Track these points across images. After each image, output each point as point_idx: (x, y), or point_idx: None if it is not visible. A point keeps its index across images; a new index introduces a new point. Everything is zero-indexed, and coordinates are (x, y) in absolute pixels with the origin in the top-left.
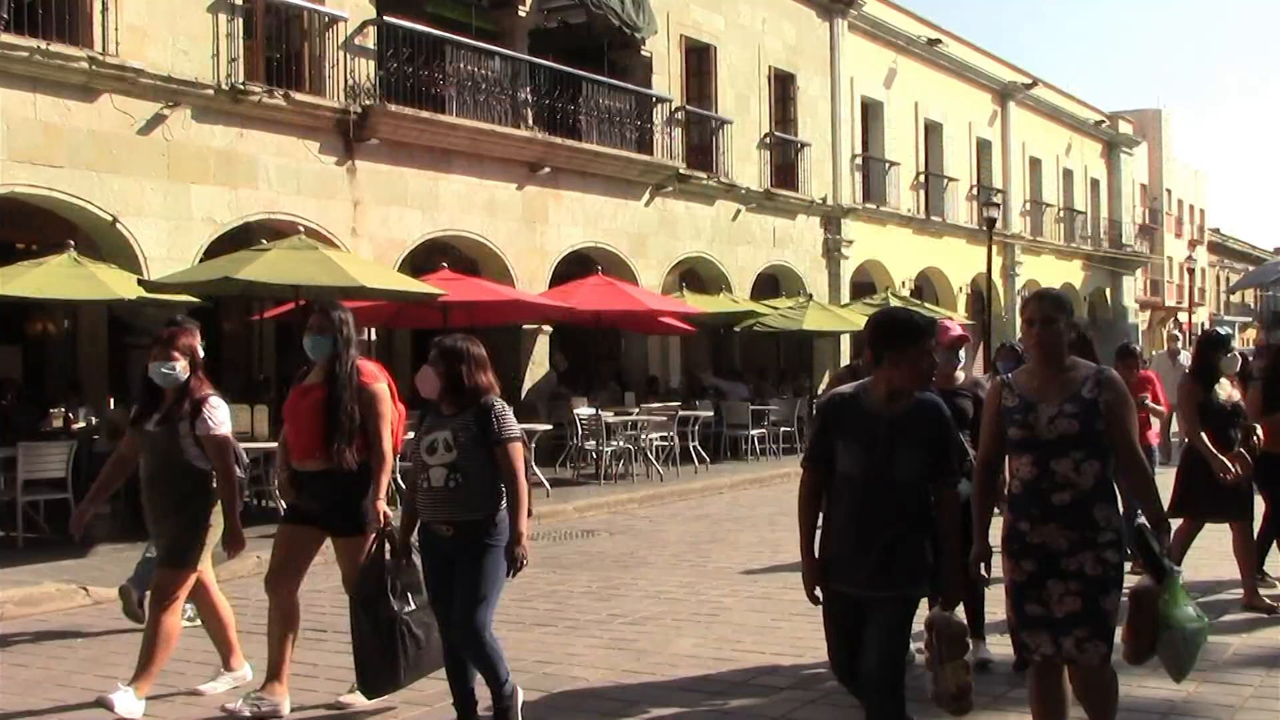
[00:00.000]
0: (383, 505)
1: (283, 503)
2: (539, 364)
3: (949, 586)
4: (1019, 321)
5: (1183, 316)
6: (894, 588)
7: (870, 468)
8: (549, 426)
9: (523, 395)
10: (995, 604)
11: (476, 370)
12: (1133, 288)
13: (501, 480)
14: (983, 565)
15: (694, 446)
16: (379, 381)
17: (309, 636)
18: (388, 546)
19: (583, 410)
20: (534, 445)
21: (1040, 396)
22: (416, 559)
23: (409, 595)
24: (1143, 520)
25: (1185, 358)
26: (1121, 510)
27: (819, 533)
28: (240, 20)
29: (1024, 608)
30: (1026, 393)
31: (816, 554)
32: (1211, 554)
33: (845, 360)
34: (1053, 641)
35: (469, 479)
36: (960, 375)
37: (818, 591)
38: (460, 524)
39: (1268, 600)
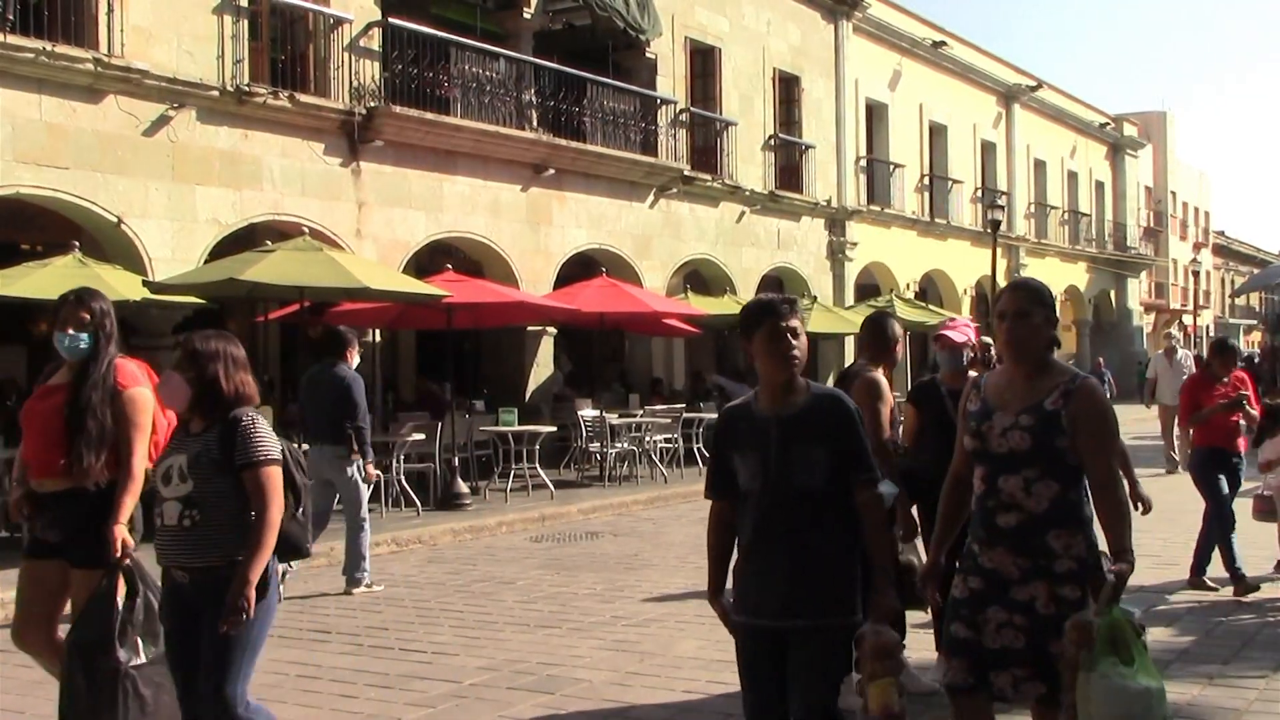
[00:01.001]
0: (122, 531)
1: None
2: (543, 366)
3: (877, 599)
4: None
5: (1187, 319)
6: (811, 615)
7: (767, 477)
8: (553, 428)
9: (527, 397)
10: None
11: (234, 374)
12: (1137, 290)
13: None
14: (936, 586)
15: (698, 448)
16: (140, 385)
17: (312, 638)
18: (122, 583)
19: (587, 412)
20: (538, 447)
21: (1001, 403)
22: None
23: (140, 645)
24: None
25: (1182, 357)
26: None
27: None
28: (245, 22)
29: (951, 625)
30: (990, 396)
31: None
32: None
33: (850, 362)
34: (972, 671)
35: (206, 514)
36: (972, 373)
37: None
38: (195, 570)
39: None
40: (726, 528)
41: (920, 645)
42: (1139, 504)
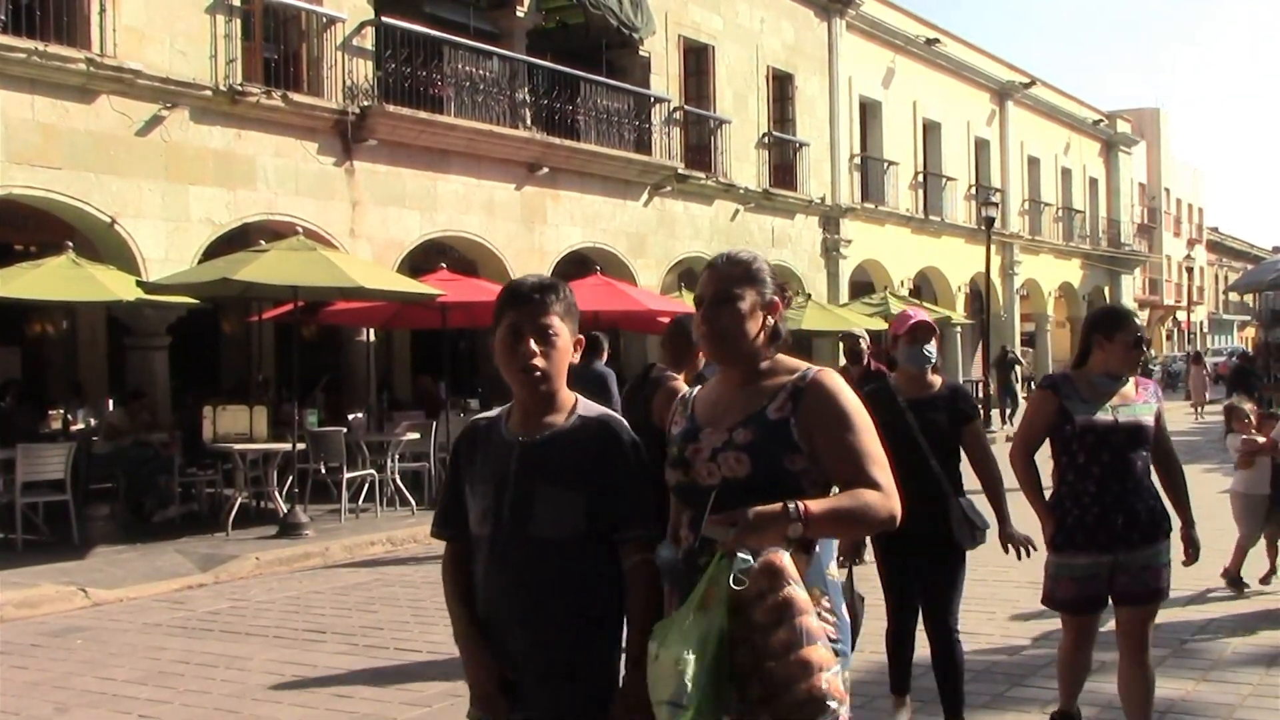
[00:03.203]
0: None
1: (283, 505)
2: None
3: (625, 705)
4: (1018, 321)
5: (1181, 315)
6: (549, 715)
7: (499, 521)
8: None
9: None
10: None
11: None
12: (1131, 287)
13: None
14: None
15: None
16: None
17: (308, 638)
18: None
19: None
20: None
21: (710, 418)
22: None
23: None
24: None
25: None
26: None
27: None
28: (238, 21)
29: None
30: (700, 412)
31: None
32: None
33: (841, 361)
34: None
35: None
36: (935, 379)
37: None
38: None
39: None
40: (461, 567)
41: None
42: (1010, 547)
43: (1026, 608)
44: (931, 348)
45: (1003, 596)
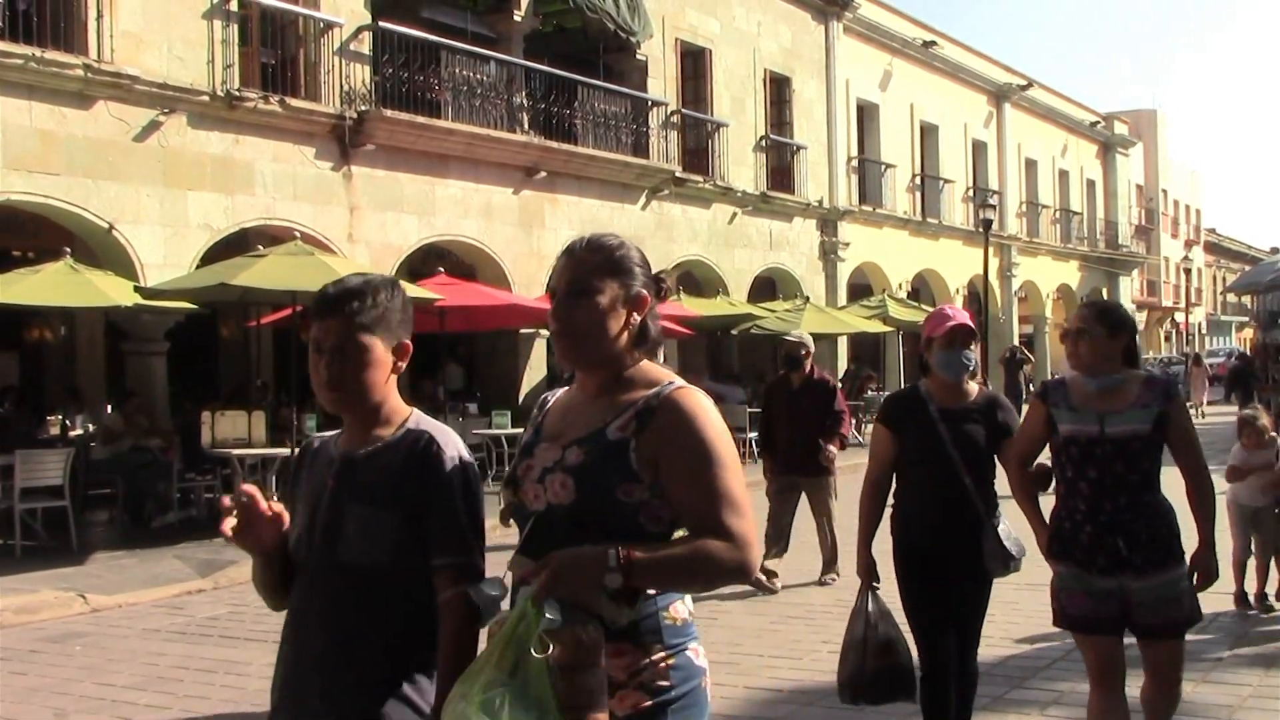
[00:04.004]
0: None
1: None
2: (536, 368)
3: None
4: (1016, 324)
5: (1179, 317)
6: None
7: (311, 545)
8: None
9: (521, 399)
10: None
11: None
12: (1129, 288)
13: None
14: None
15: None
16: None
17: None
18: None
19: None
20: None
21: (555, 430)
22: None
23: None
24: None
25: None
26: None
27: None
28: (235, 26)
29: None
30: (550, 421)
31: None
32: None
33: (844, 363)
34: None
35: None
36: (973, 387)
37: None
38: None
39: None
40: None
41: None
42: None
43: (1026, 609)
44: (971, 354)
45: (1003, 599)
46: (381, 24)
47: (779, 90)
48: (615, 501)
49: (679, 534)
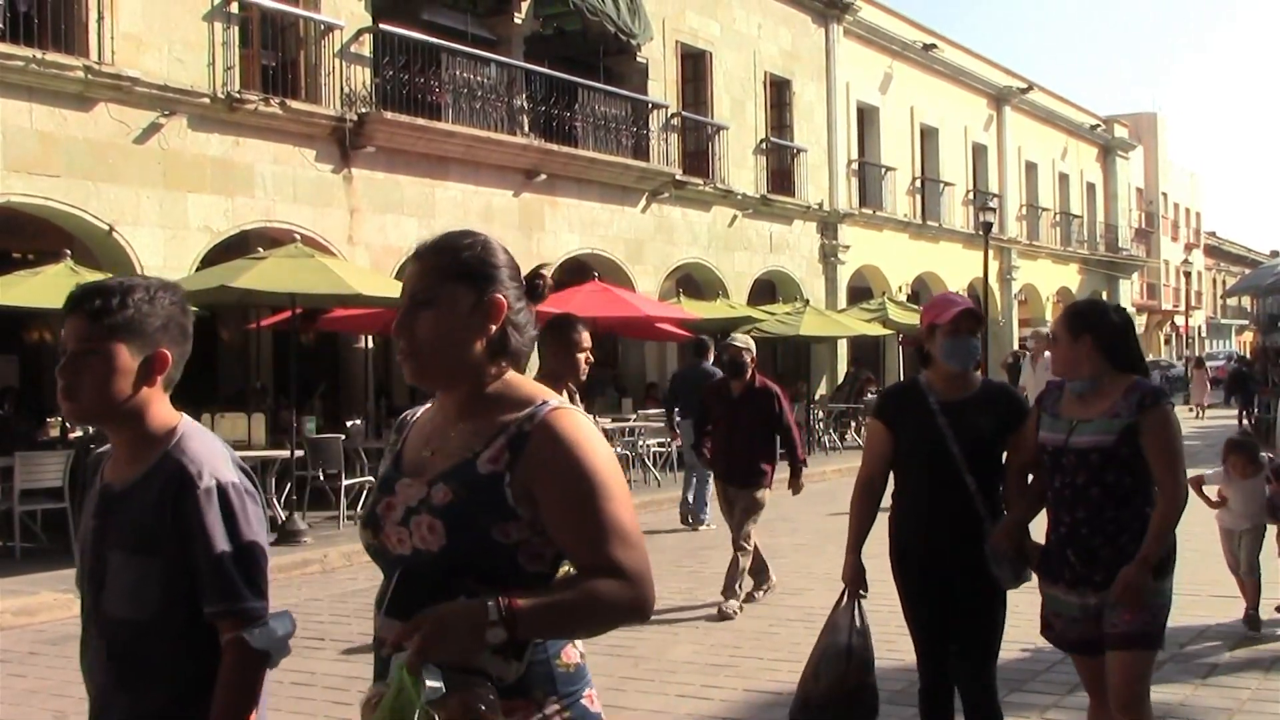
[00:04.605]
0: None
1: (281, 512)
2: (534, 371)
3: None
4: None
5: (1179, 320)
6: None
7: (82, 594)
8: None
9: None
10: None
11: None
12: (1129, 291)
13: None
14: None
15: None
16: None
17: (307, 645)
18: None
19: None
20: None
21: (416, 463)
22: None
23: None
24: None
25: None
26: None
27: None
28: (236, 29)
29: None
30: (410, 449)
31: None
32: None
33: (844, 366)
34: None
35: None
36: (977, 378)
37: None
38: None
39: None
40: None
41: None
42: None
43: (1024, 612)
44: (977, 342)
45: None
46: (382, 26)
47: (779, 93)
48: (491, 544)
49: (564, 570)
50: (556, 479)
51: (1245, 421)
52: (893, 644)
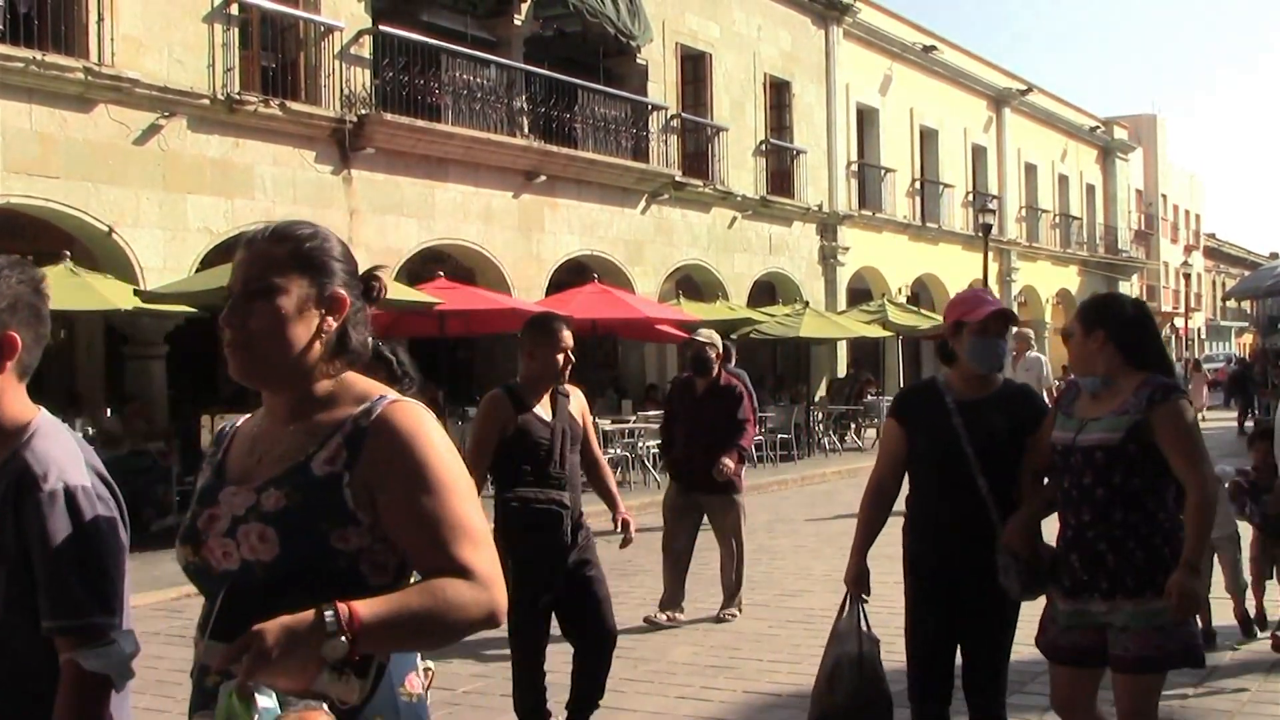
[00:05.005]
0: None
1: None
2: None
3: None
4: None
5: (1179, 322)
6: None
7: None
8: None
9: None
10: None
11: None
12: (1129, 293)
13: None
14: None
15: None
16: None
17: None
18: None
19: None
20: None
21: (241, 470)
22: None
23: None
24: None
25: (1033, 360)
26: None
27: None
28: (236, 30)
29: None
30: (234, 458)
31: None
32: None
33: (843, 368)
34: None
35: None
36: (998, 378)
37: None
38: None
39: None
40: None
41: None
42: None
43: (1024, 613)
44: (1004, 343)
45: None
46: (382, 28)
47: (779, 94)
48: (330, 552)
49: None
50: (398, 476)
51: (1247, 423)
52: (893, 645)
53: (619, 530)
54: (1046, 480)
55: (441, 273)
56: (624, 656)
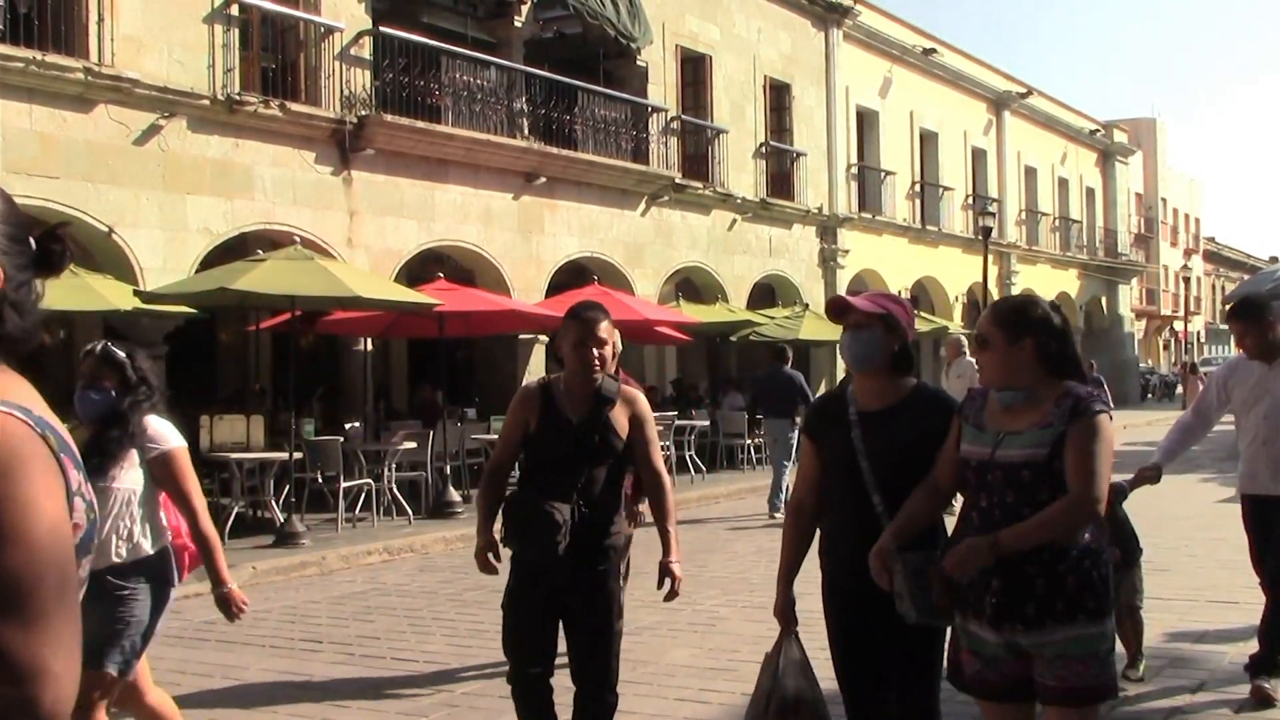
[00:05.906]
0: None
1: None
2: (535, 374)
3: None
4: None
5: (1178, 325)
6: None
7: None
8: None
9: None
10: None
11: None
12: (1128, 297)
13: None
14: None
15: (690, 456)
16: None
17: (304, 647)
18: None
19: None
20: None
21: None
22: None
23: None
24: None
25: (966, 365)
26: None
27: None
28: (236, 31)
29: None
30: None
31: None
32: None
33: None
34: None
35: None
36: (908, 382)
37: None
38: None
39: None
40: None
41: None
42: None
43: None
44: (876, 336)
45: None
46: (382, 29)
47: (779, 97)
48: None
49: None
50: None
51: None
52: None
53: (661, 580)
54: (961, 498)
55: (441, 274)
56: (623, 658)
